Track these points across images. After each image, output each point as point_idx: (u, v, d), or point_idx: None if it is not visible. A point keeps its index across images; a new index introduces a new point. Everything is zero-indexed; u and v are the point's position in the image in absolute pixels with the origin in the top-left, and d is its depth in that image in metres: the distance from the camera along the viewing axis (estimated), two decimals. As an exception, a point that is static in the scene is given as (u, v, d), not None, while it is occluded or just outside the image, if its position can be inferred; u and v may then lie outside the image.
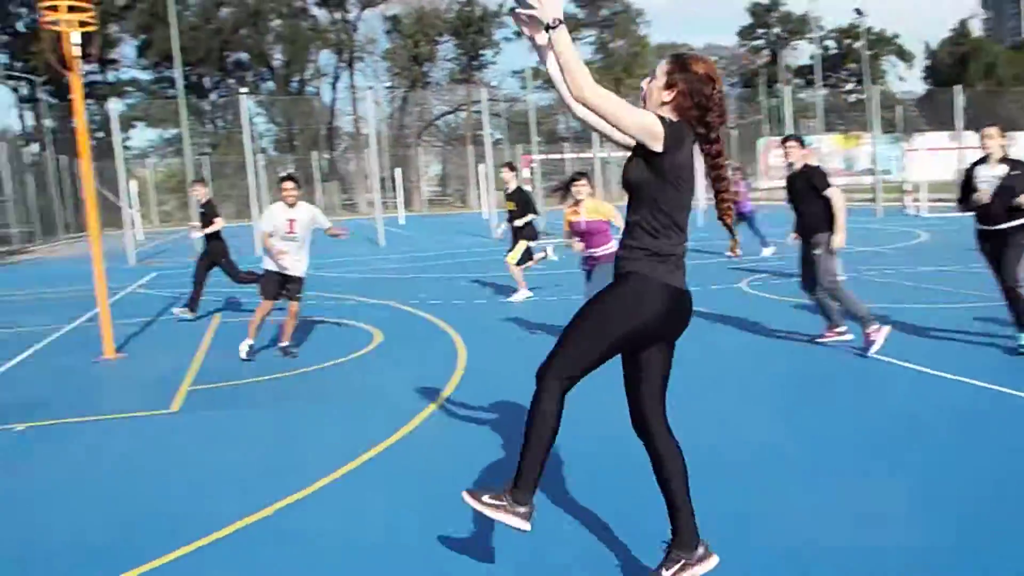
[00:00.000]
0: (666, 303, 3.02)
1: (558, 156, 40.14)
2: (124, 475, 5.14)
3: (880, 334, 7.03)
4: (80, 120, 9.07)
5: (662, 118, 2.96)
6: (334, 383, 7.40)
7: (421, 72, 57.73)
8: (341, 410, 6.44)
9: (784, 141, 7.82)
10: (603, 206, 7.79)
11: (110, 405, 6.95)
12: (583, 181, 7.76)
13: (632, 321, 2.99)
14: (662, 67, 3.10)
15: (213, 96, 57.89)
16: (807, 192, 7.48)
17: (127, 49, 58.78)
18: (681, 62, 3.06)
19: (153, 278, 17.65)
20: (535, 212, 12.17)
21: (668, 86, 3.04)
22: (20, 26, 52.04)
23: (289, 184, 8.28)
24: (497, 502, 3.02)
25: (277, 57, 57.42)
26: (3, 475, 5.29)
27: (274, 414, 6.42)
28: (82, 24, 8.41)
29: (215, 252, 11.50)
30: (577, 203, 7.77)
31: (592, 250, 7.74)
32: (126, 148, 61.89)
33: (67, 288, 16.08)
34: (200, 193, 11.87)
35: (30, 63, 50.14)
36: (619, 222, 7.09)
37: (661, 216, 3.01)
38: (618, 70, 61.03)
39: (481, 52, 59.94)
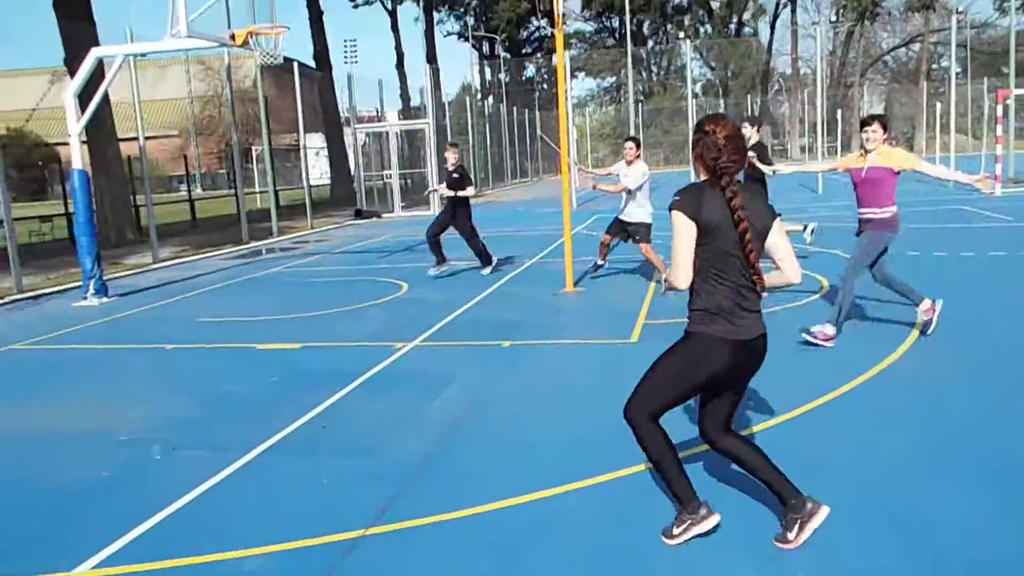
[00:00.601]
0: (728, 356, 3.30)
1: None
2: (595, 390, 5.59)
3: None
4: (560, 70, 9.80)
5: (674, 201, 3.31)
6: (781, 327, 7.24)
7: (872, 2, 52.86)
8: (803, 352, 6.29)
9: None
10: (897, 153, 6.54)
11: (576, 331, 7.60)
12: (875, 125, 6.47)
13: (699, 377, 3.36)
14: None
15: (651, 43, 59.35)
16: None
17: (573, 3, 62.89)
18: (697, 126, 3.44)
19: (593, 221, 18.84)
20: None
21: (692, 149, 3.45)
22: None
23: (628, 143, 9.83)
24: (684, 525, 3.46)
25: (716, -1, 56.87)
26: (498, 380, 6.08)
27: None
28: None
29: (461, 217, 11.48)
30: (865, 151, 6.55)
31: (863, 210, 6.61)
32: (567, 98, 66.94)
33: (520, 227, 17.87)
34: (452, 158, 11.59)
35: (492, 22, 56.13)
36: (925, 167, 6.51)
37: (706, 275, 3.30)
38: None
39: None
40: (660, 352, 3.51)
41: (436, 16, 48.82)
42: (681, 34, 56.77)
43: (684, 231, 3.25)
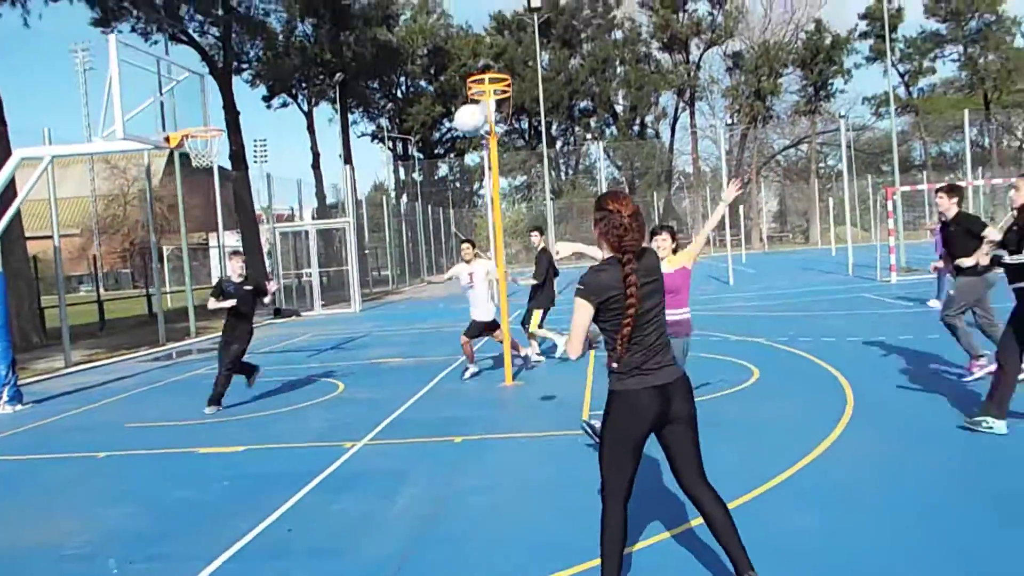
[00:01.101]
0: (652, 404, 3.56)
1: (919, 187, 36.82)
2: (556, 484, 5.66)
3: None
4: (495, 174, 10.15)
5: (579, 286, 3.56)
6: (724, 413, 7.49)
7: (764, 107, 56.52)
8: (735, 439, 6.51)
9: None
10: (681, 254, 6.50)
11: (525, 426, 7.67)
12: (663, 235, 6.47)
13: (633, 433, 3.59)
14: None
15: (559, 144, 61.56)
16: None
17: (485, 106, 64.89)
18: (598, 203, 3.64)
19: (516, 315, 19.11)
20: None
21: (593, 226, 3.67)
22: (398, 93, 59.67)
23: (465, 246, 10.49)
24: None
25: (620, 102, 59.69)
26: (457, 477, 6.08)
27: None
28: (497, 93, 9.47)
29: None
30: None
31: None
32: (478, 196, 68.42)
33: (443, 323, 17.95)
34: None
35: (406, 124, 57.31)
36: (699, 241, 6.51)
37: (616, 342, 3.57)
38: (988, 87, 54.88)
39: (830, 81, 57.29)
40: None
41: (350, 117, 49.61)
42: (588, 136, 59.29)
43: (583, 312, 3.54)
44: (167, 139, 10.14)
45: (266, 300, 9.71)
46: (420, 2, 57.53)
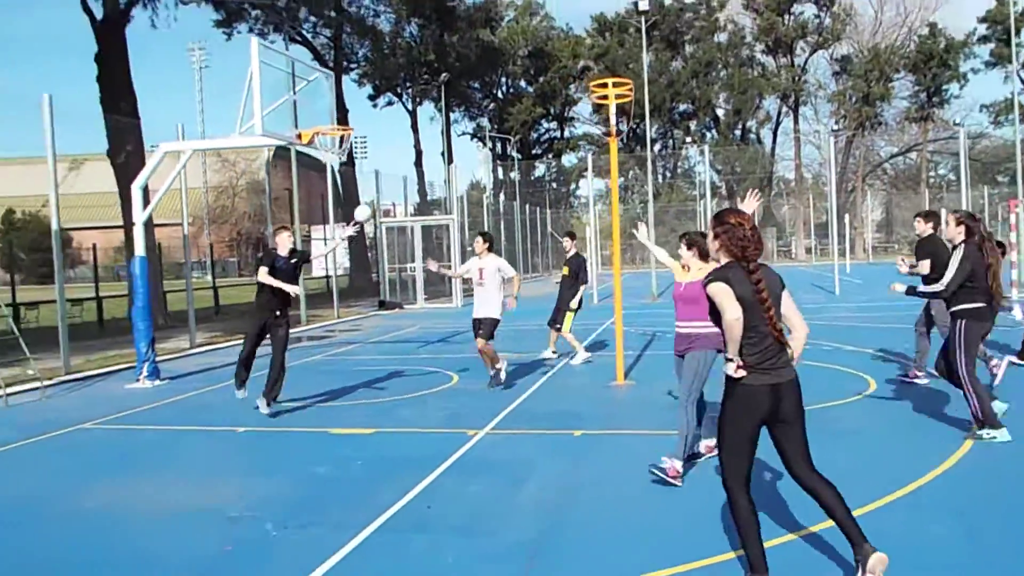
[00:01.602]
0: (765, 401, 3.89)
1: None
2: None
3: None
4: (613, 178, 10.35)
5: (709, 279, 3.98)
6: (843, 421, 7.51)
7: (872, 112, 54.82)
8: (857, 447, 6.54)
9: None
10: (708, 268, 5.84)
11: (641, 423, 7.85)
12: (689, 249, 6.19)
13: (747, 424, 3.92)
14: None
15: (658, 147, 61.12)
16: None
17: (583, 107, 65.06)
18: (720, 218, 4.05)
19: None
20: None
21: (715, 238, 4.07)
22: (499, 93, 60.40)
23: (477, 239, 10.13)
24: None
25: (722, 105, 58.89)
26: (581, 468, 6.32)
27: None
28: (619, 97, 9.65)
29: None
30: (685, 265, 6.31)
31: (684, 324, 6.11)
32: (575, 197, 68.58)
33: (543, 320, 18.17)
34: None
35: (506, 124, 57.96)
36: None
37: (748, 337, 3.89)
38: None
39: (944, 86, 55.12)
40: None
41: (452, 116, 50.57)
42: (688, 139, 58.68)
43: (727, 296, 3.86)
44: (299, 136, 10.71)
45: (346, 233, 9.06)
46: (523, 4, 58.07)
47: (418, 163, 43.99)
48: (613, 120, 9.77)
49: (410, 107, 45.11)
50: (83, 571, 4.68)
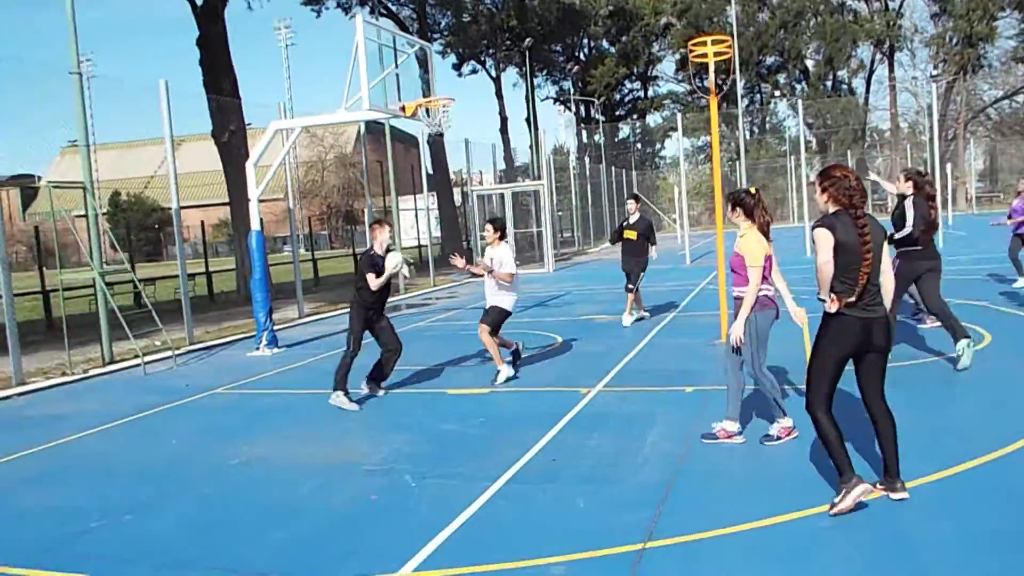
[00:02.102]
0: (858, 333, 4.43)
1: None
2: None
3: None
4: (714, 136, 10.30)
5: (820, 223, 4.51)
6: (957, 374, 7.45)
7: (975, 54, 52.08)
8: (971, 401, 6.52)
9: None
10: (749, 244, 5.72)
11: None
12: (735, 208, 5.88)
13: (839, 352, 4.48)
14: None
15: (746, 102, 59.56)
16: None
17: (667, 65, 63.85)
18: (827, 173, 4.60)
19: (713, 276, 19.11)
20: None
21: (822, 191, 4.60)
22: (581, 56, 59.78)
23: (487, 227, 9.15)
24: (844, 495, 4.36)
25: (812, 56, 56.92)
26: (700, 420, 6.46)
27: (909, 395, 6.75)
28: (717, 55, 9.59)
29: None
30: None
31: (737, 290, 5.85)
32: (660, 158, 67.61)
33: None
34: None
35: (589, 87, 57.43)
36: (753, 275, 5.60)
37: (844, 276, 4.43)
38: None
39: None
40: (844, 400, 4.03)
41: (535, 81, 50.46)
42: (777, 92, 57.02)
43: (826, 242, 4.39)
44: (403, 108, 11.02)
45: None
46: (603, -38, 57.16)
47: (503, 130, 44.14)
48: (712, 78, 9.72)
49: (494, 74, 45.21)
50: (239, 521, 5.11)
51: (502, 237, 9.14)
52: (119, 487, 5.93)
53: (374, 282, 8.12)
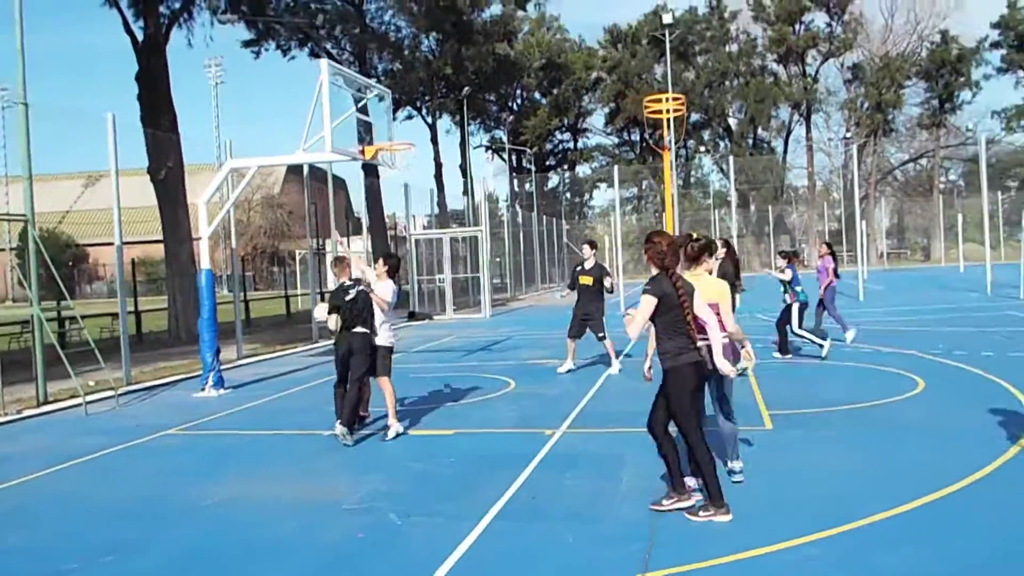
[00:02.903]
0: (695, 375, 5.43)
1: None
2: (767, 471, 6.21)
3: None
4: (667, 189, 10.75)
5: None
6: (903, 417, 7.89)
7: (884, 119, 55.19)
8: (916, 442, 6.93)
9: None
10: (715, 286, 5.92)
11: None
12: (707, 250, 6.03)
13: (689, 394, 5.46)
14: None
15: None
16: None
17: (596, 119, 65.54)
18: (648, 239, 5.48)
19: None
20: None
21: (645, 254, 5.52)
22: (513, 106, 60.85)
23: (379, 262, 8.74)
24: (709, 513, 5.23)
25: (735, 115, 59.31)
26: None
27: (853, 437, 7.14)
28: (670, 112, 10.09)
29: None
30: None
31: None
32: (590, 207, 68.99)
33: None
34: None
35: (522, 137, 58.41)
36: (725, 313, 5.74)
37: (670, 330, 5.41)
38: None
39: (956, 93, 55.44)
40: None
41: (468, 129, 51.10)
42: (702, 148, 59.09)
43: (648, 305, 5.29)
44: (363, 152, 11.15)
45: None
46: (537, 17, 58.68)
47: (438, 175, 44.50)
48: (667, 134, 10.21)
49: (429, 120, 45.66)
50: (228, 559, 5.07)
51: (391, 274, 8.60)
52: (91, 528, 5.80)
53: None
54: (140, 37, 20.90)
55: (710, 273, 6.21)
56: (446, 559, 4.75)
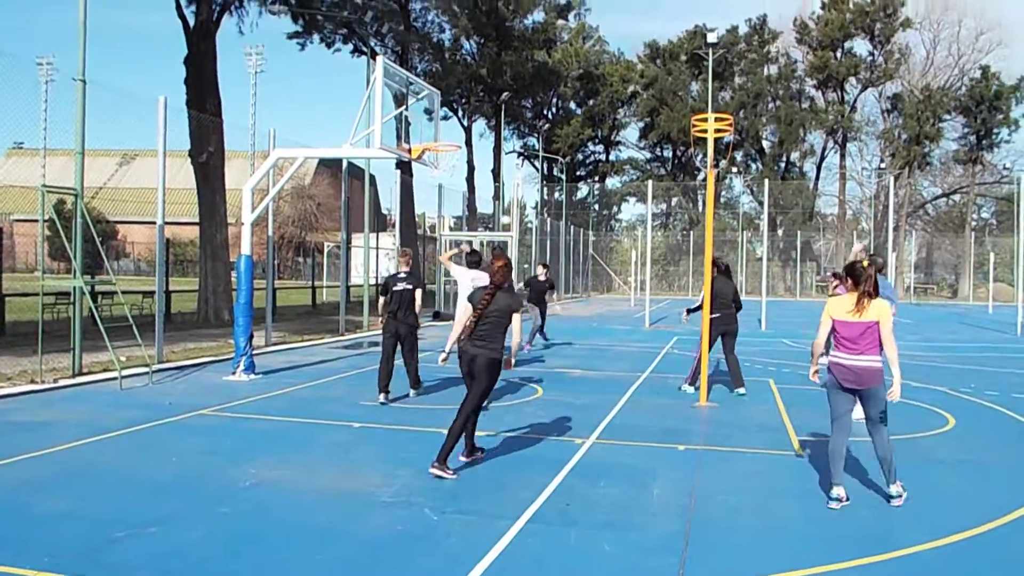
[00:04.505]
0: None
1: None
2: (796, 493, 6.26)
3: None
4: (709, 208, 10.79)
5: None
6: (937, 452, 7.90)
7: (920, 152, 54.77)
8: (953, 476, 6.95)
9: None
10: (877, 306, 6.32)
11: (738, 441, 8.28)
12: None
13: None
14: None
15: (700, 175, 61.43)
16: None
17: (630, 132, 65.55)
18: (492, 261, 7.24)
19: (675, 341, 19.62)
20: None
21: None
22: (549, 114, 61.00)
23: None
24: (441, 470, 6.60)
25: (768, 137, 59.08)
26: (698, 476, 6.74)
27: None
28: (718, 132, 10.14)
29: None
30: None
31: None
32: (617, 220, 68.94)
33: (607, 342, 18.63)
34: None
35: (555, 145, 58.54)
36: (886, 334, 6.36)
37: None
38: None
39: (994, 130, 54.94)
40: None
41: (502, 134, 51.35)
42: (734, 169, 58.94)
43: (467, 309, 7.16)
44: (410, 151, 11.30)
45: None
46: (576, 27, 58.84)
47: (470, 178, 44.74)
48: (711, 154, 10.25)
49: (465, 123, 45.93)
50: (270, 539, 5.18)
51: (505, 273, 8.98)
52: (134, 499, 5.94)
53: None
54: (192, 22, 21.23)
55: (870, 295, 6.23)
56: (483, 557, 4.84)
